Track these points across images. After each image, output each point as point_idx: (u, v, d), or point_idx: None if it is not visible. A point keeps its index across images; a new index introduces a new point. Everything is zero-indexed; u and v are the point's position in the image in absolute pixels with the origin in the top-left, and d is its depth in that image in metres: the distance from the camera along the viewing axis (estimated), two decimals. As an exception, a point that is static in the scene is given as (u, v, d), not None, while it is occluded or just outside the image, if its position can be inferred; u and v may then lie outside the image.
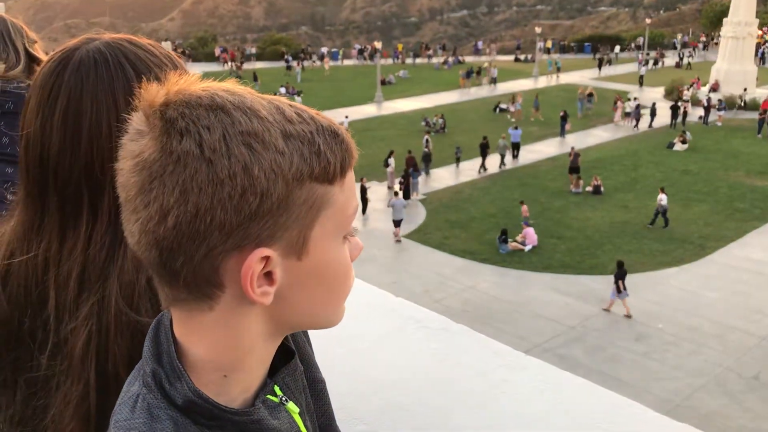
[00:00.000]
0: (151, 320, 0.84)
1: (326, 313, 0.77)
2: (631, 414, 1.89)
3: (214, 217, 0.65)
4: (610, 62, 50.75)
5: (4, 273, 1.01)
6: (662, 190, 21.82)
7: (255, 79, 44.75)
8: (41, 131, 0.97)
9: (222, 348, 0.72)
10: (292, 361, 0.85)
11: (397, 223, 21.30)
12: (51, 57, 1.01)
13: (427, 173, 27.04)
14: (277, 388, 0.81)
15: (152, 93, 0.70)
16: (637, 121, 33.91)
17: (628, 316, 16.26)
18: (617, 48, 58.39)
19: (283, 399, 0.80)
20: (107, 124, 0.96)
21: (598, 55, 53.83)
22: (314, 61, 54.31)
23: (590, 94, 36.22)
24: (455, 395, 1.95)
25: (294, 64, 49.88)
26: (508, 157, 28.45)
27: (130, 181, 0.68)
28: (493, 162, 27.95)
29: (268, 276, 0.70)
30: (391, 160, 25.89)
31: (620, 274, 16.49)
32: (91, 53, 0.99)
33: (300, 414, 0.82)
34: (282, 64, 50.28)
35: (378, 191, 24.59)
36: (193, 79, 0.72)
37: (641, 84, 43.50)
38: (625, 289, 16.37)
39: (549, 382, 2.00)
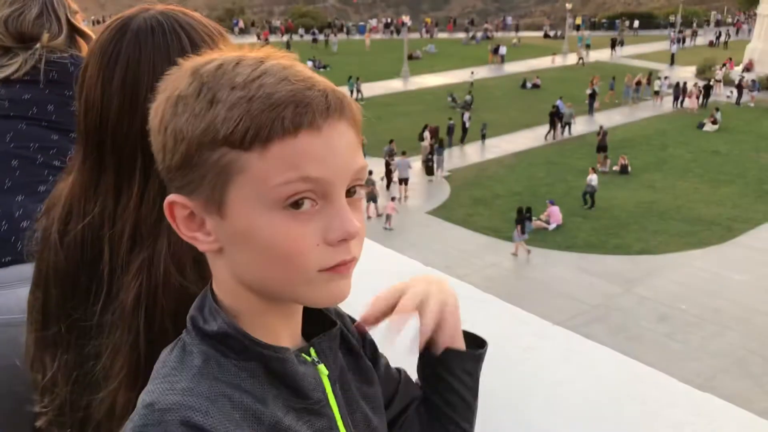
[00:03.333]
0: (196, 288, 0.90)
1: (280, 283, 0.75)
2: (654, 382, 1.93)
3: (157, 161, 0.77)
4: (622, 43, 48.57)
5: (62, 230, 1.06)
6: (593, 170, 21.74)
7: (288, 47, 44.89)
8: (101, 96, 1.02)
9: (226, 294, 0.79)
10: (332, 330, 0.87)
11: (403, 182, 21.84)
12: (108, 25, 1.05)
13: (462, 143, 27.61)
14: (312, 351, 0.83)
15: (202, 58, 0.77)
16: (676, 99, 33.36)
17: (517, 254, 18.31)
18: (636, 23, 56.61)
19: (316, 360, 0.83)
20: None
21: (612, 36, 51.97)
22: (348, 34, 54.00)
23: (638, 83, 34.94)
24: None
25: (331, 36, 50.31)
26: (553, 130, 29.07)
27: None
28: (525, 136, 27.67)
29: (202, 225, 0.75)
30: (426, 134, 25.92)
31: (520, 219, 18.38)
32: (148, 21, 1.03)
33: (329, 377, 0.84)
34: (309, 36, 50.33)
35: (413, 166, 24.20)
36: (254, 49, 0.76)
37: (672, 63, 42.62)
38: (524, 232, 18.24)
39: (574, 350, 2.05)
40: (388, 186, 23.08)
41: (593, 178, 21.36)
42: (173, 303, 0.96)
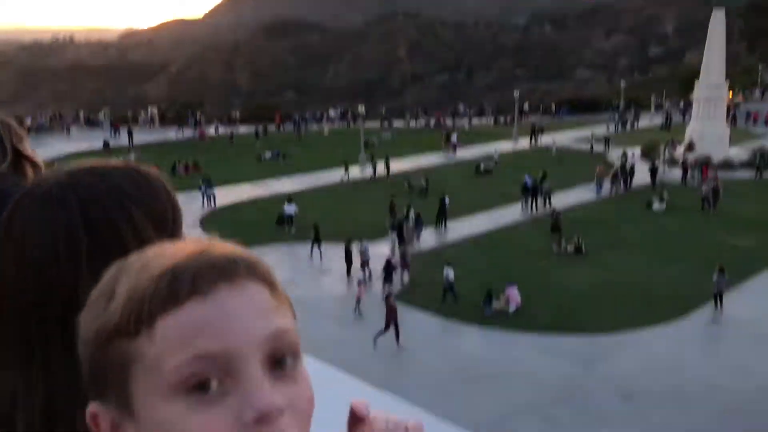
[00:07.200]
0: None
1: None
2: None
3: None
4: (542, 130, 49.21)
5: None
6: (448, 264, 21.27)
7: (231, 138, 46.83)
8: None
9: None
10: None
11: (366, 264, 22.65)
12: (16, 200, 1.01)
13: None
14: None
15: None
16: (624, 182, 34.47)
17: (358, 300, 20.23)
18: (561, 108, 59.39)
19: None
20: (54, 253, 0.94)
21: (532, 123, 51.11)
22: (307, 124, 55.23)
23: (614, 175, 34.19)
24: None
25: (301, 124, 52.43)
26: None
27: None
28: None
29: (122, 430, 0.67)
30: (412, 214, 26.78)
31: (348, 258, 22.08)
32: (49, 187, 0.98)
33: None
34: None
35: (376, 251, 24.01)
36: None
37: (607, 146, 43.91)
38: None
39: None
40: (348, 272, 23.03)
41: (449, 273, 20.89)
42: None
